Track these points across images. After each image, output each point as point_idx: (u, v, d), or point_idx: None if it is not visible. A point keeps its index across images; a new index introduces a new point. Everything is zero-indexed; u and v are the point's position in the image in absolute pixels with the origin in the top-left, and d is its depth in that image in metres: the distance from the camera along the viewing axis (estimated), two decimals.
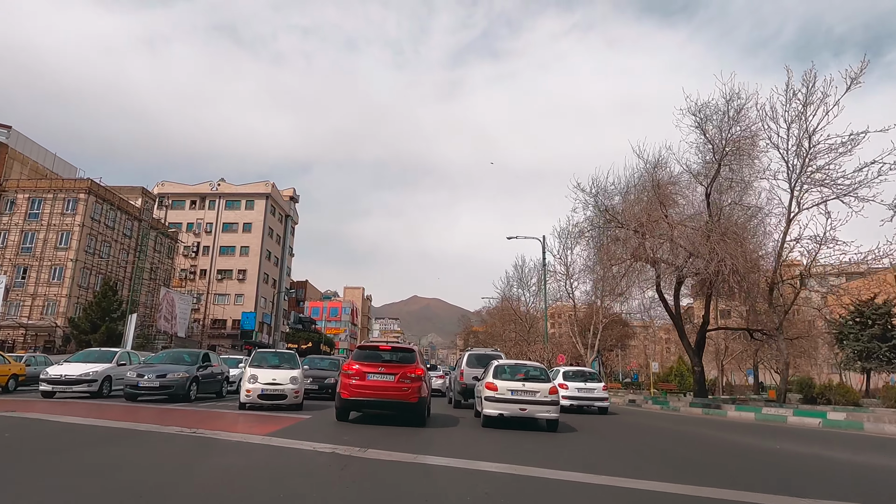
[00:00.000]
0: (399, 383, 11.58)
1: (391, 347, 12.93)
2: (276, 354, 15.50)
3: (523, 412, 12.31)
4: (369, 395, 11.56)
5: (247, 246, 73.51)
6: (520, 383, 12.71)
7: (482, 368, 18.35)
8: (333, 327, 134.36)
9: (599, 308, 30.16)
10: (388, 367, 11.93)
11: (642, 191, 18.98)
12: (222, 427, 10.41)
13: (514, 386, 12.58)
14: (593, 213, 19.51)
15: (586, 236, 20.28)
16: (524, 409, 12.30)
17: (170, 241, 63.59)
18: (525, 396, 12.44)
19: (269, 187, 75.45)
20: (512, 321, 55.74)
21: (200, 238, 73.86)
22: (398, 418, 12.50)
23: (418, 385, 11.72)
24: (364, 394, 11.54)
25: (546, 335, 39.98)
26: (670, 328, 78.83)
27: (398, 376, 11.63)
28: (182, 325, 54.06)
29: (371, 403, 11.74)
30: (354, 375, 11.69)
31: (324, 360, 22.27)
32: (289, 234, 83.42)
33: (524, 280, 51.53)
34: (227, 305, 71.74)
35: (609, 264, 20.26)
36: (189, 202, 75.47)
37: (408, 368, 11.90)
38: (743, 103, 18.43)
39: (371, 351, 12.71)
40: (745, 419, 19.81)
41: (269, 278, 76.96)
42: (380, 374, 11.68)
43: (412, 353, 12.77)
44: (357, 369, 11.76)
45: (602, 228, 19.45)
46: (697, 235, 17.98)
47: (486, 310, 71.63)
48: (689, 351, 21.38)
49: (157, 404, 14.56)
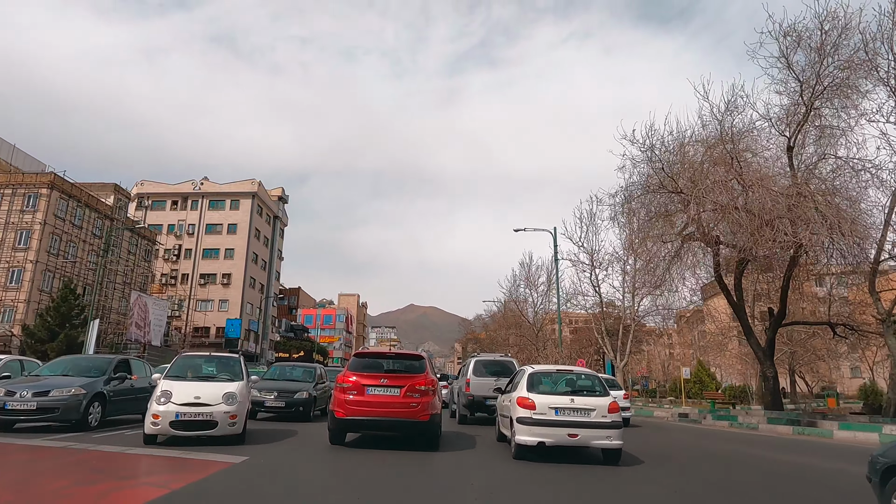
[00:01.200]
0: (406, 398, 9.65)
1: (395, 354, 11.02)
2: (212, 360, 10.94)
3: (573, 439, 9.07)
4: (370, 413, 9.60)
5: (232, 248, 68.82)
6: (566, 398, 9.42)
7: (492, 377, 16.19)
8: (327, 335, 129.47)
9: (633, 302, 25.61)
10: (392, 378, 9.92)
11: (709, 145, 14.55)
12: (48, 493, 5.77)
13: (558, 402, 9.31)
14: (646, 171, 15.07)
15: (633, 205, 15.75)
16: (575, 434, 9.06)
17: (147, 242, 58.95)
18: (575, 417, 9.14)
19: (255, 186, 70.88)
20: (517, 325, 51.17)
21: (182, 240, 69.16)
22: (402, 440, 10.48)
23: (429, 400, 9.78)
24: (363, 412, 9.60)
25: (560, 338, 35.40)
26: (682, 329, 74.33)
27: (404, 389, 9.69)
28: (157, 332, 49.30)
29: (372, 423, 9.75)
30: (351, 389, 9.72)
31: (295, 369, 17.60)
32: (277, 237, 78.75)
33: (532, 280, 46.98)
34: (210, 312, 66.95)
35: (661, 240, 15.77)
36: (170, 202, 70.79)
37: (416, 379, 9.90)
38: (845, 24, 14.10)
39: (371, 359, 10.65)
40: (863, 441, 15.01)
41: (256, 283, 72.22)
42: (382, 388, 9.73)
43: (420, 361, 10.63)
44: (354, 382, 9.78)
45: (652, 194, 15.02)
46: (777, 200, 13.63)
47: (489, 315, 67.05)
48: (757, 351, 16.90)
49: (29, 436, 9.93)
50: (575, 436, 8.97)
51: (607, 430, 9.02)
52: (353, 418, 9.62)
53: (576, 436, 8.97)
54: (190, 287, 67.38)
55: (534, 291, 46.64)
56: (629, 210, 16.50)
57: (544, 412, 9.09)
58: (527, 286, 46.86)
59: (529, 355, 48.08)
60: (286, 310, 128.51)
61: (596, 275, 25.84)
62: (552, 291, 46.27)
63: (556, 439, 9.01)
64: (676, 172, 14.48)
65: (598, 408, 9.12)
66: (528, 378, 9.82)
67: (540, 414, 9.09)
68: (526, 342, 49.25)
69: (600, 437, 9.00)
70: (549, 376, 10.19)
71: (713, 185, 14.08)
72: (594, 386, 9.91)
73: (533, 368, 10.34)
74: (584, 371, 10.85)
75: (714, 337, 47.64)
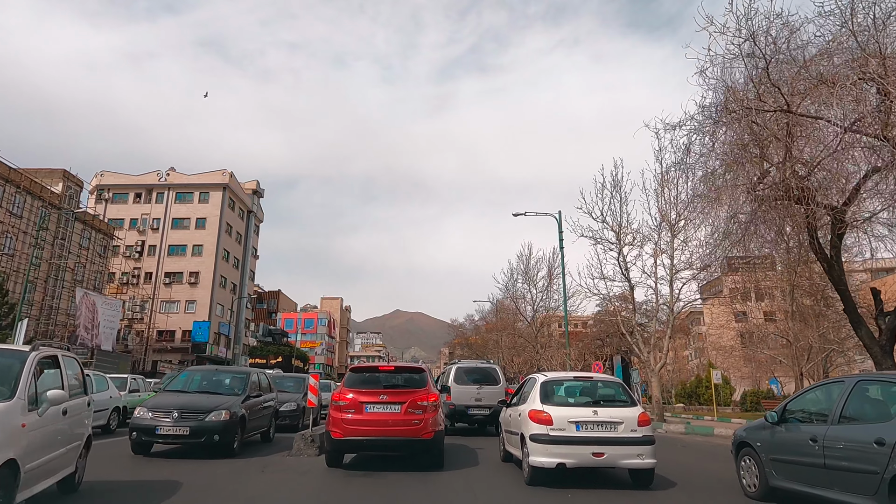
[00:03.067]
0: (407, 415, 8.97)
1: (394, 368, 10.07)
2: None
3: (599, 459, 7.86)
4: (369, 432, 8.94)
5: (200, 245, 63.20)
6: (588, 410, 8.21)
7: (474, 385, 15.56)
8: (309, 340, 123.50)
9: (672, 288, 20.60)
10: (392, 394, 9.26)
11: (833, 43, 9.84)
12: None
13: (579, 415, 8.11)
14: (745, 73, 10.25)
15: (723, 123, 10.89)
16: (600, 453, 7.84)
17: (103, 237, 53.21)
18: (600, 432, 7.98)
19: (226, 177, 65.36)
20: (513, 325, 46.31)
21: (146, 236, 63.41)
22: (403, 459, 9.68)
23: (432, 416, 9.10)
24: (362, 431, 8.93)
25: (567, 338, 30.57)
26: (682, 327, 69.86)
27: (405, 405, 9.03)
28: (107, 335, 43.68)
29: (372, 444, 9.12)
30: (348, 407, 9.06)
31: (219, 374, 12.22)
32: (252, 233, 73.19)
33: (531, 274, 42.16)
34: (175, 314, 61.24)
35: (752, 185, 10.94)
36: (133, 195, 65.01)
37: (417, 394, 9.21)
38: None
39: (368, 374, 9.87)
40: None
41: (228, 282, 66.60)
42: (382, 405, 9.08)
43: (422, 375, 9.90)
44: (351, 399, 9.12)
45: (755, 115, 10.12)
46: None
47: (481, 314, 62.16)
48: (869, 346, 12.16)
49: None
50: (601, 455, 7.88)
51: (638, 446, 7.97)
52: (352, 439, 9.03)
53: (602, 455, 7.88)
54: (154, 287, 61.64)
55: (533, 287, 41.84)
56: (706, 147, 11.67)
57: (563, 428, 7.99)
58: (525, 281, 42.01)
59: (528, 359, 43.22)
60: (265, 313, 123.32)
61: (623, 256, 21.00)
62: (554, 287, 41.56)
63: (578, 460, 7.91)
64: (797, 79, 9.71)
65: (627, 420, 8.08)
66: (542, 388, 8.66)
67: (558, 430, 7.98)
68: (524, 344, 44.38)
69: (630, 455, 7.97)
70: (566, 385, 9.11)
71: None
72: (618, 395, 8.82)
73: (545, 376, 9.08)
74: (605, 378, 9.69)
75: (720, 334, 43.20)
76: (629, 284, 21.04)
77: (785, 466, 6.96)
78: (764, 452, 7.39)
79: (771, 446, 7.30)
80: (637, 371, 28.68)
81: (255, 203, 74.24)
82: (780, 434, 7.22)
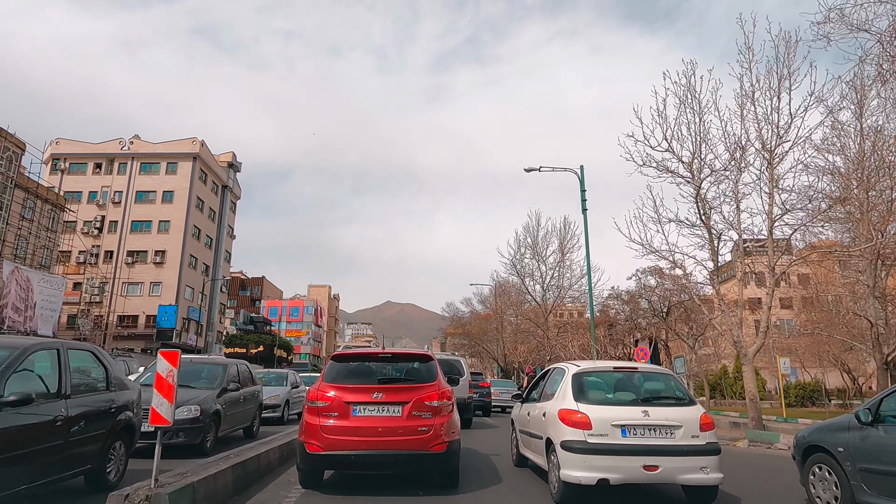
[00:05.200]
0: (412, 420, 6.70)
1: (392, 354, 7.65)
2: None
3: (652, 473, 6.15)
4: (359, 445, 6.59)
5: (167, 220, 56.82)
6: (636, 410, 6.48)
7: None
8: (294, 329, 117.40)
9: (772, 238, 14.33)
10: (390, 391, 6.89)
11: None
12: None
13: (625, 416, 6.42)
14: None
15: None
16: (654, 466, 6.15)
17: (51, 208, 46.84)
18: (653, 439, 6.31)
19: (196, 146, 58.86)
20: (517, 306, 40.51)
21: (106, 210, 56.93)
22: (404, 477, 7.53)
23: (444, 421, 6.84)
24: (349, 443, 6.59)
25: (592, 318, 24.80)
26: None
27: (409, 407, 6.74)
28: (47, 318, 37.46)
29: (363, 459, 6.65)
30: (329, 410, 6.75)
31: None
32: (227, 210, 66.77)
33: (539, 249, 36.28)
34: (139, 297, 54.98)
35: None
36: (92, 165, 58.43)
37: (424, 391, 6.90)
38: None
39: (356, 363, 7.43)
40: None
41: (199, 263, 60.28)
42: (376, 406, 6.76)
43: (429, 364, 7.45)
44: (334, 399, 6.78)
45: None
46: None
47: (477, 300, 56.32)
48: None
49: None
50: (654, 468, 6.11)
51: (702, 456, 6.25)
52: (334, 453, 6.59)
53: (656, 468, 6.12)
54: (115, 266, 55.29)
55: (542, 263, 35.93)
56: None
57: (605, 432, 6.26)
58: (534, 255, 36.10)
59: (536, 346, 37.42)
60: (248, 301, 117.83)
61: (702, 194, 14.51)
62: (566, 264, 35.72)
63: (625, 474, 6.13)
64: None
65: (686, 423, 6.38)
66: (574, 381, 6.89)
67: (599, 435, 6.25)
68: (530, 328, 38.56)
69: (692, 468, 6.20)
70: (604, 377, 7.29)
71: None
72: (673, 390, 6.98)
73: (578, 366, 7.22)
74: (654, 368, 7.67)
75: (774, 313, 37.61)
76: (709, 234, 14.87)
77: (883, 479, 5.53)
78: (849, 460, 5.91)
79: (861, 453, 5.81)
80: (683, 359, 22.91)
81: (232, 178, 67.80)
82: (876, 437, 5.73)
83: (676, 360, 23.69)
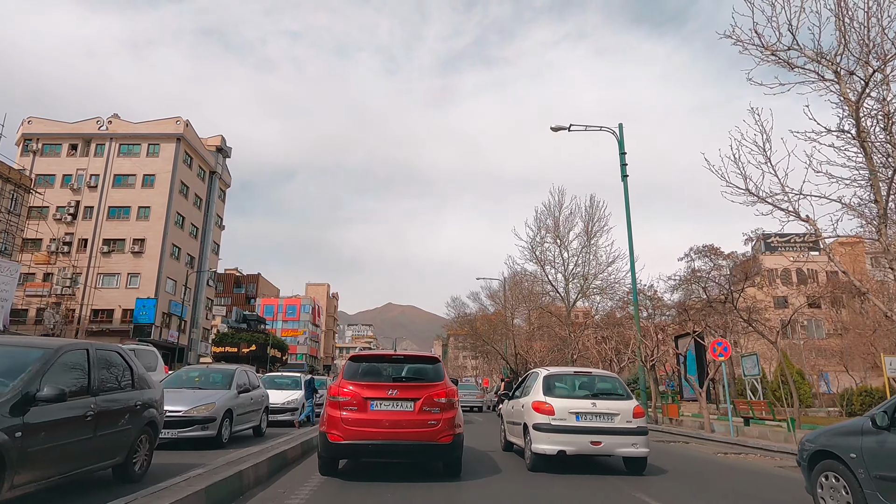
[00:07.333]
0: (422, 414, 7.71)
1: (403, 356, 8.67)
2: None
3: (597, 447, 8.68)
4: (376, 435, 7.57)
5: (147, 206, 52.12)
6: (587, 402, 9.06)
7: None
8: (290, 328, 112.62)
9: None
10: (403, 388, 7.90)
11: None
12: None
13: (579, 406, 8.95)
14: None
15: None
16: (598, 442, 8.66)
17: (13, 188, 42.20)
18: (598, 423, 8.82)
19: (180, 126, 54.15)
20: (536, 297, 35.66)
21: (81, 195, 52.25)
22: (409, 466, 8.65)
23: (451, 416, 7.89)
24: (367, 434, 7.57)
25: (637, 318, 20.05)
26: None
27: (420, 403, 7.73)
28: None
29: (379, 448, 7.68)
30: (349, 405, 7.70)
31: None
32: (215, 198, 62.05)
33: (561, 234, 31.42)
34: (115, 289, 50.26)
35: None
36: (67, 146, 53.76)
37: (433, 389, 7.93)
38: None
39: (371, 363, 8.48)
40: None
41: (182, 253, 55.51)
42: (391, 402, 7.75)
43: (436, 365, 8.53)
44: (352, 394, 7.74)
45: None
46: None
47: (486, 294, 51.39)
48: None
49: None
50: (598, 443, 8.64)
51: (633, 436, 8.72)
52: (354, 443, 7.54)
53: (599, 443, 8.64)
54: (90, 256, 50.60)
55: (565, 250, 31.05)
56: None
57: (564, 418, 8.76)
58: (554, 239, 31.24)
59: (558, 346, 32.48)
60: (243, 298, 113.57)
61: (861, 101, 9.37)
62: (591, 250, 30.90)
63: (577, 447, 8.65)
64: None
65: (622, 412, 8.82)
66: (544, 381, 9.42)
67: (559, 420, 8.76)
68: (548, 324, 33.66)
69: (625, 444, 8.70)
70: (566, 379, 9.85)
71: None
72: (615, 388, 9.56)
73: (547, 370, 9.93)
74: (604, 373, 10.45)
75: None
76: (870, 169, 9.64)
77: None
78: (863, 467, 5.52)
79: (877, 459, 5.41)
80: (756, 358, 18.14)
81: (220, 163, 63.09)
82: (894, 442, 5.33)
83: (746, 359, 18.87)
